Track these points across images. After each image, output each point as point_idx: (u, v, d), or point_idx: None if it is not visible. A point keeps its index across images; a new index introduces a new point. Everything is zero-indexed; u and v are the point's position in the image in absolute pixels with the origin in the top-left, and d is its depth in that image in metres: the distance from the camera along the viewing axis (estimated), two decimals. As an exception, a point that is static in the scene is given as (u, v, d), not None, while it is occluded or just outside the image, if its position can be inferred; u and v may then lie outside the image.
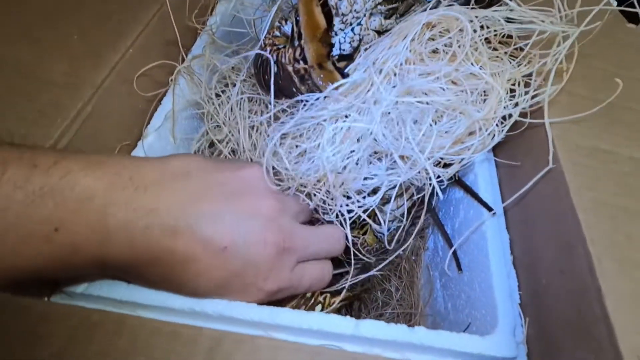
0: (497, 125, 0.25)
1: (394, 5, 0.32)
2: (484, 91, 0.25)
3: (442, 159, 0.25)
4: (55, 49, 0.29)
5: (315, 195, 0.26)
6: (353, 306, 0.42)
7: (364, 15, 0.31)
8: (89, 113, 0.27)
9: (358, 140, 0.25)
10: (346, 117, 0.26)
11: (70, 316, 0.17)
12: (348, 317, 0.23)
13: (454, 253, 0.32)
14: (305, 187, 0.26)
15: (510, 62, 0.27)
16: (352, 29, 0.31)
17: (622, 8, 0.31)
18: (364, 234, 0.36)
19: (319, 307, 0.29)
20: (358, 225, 0.36)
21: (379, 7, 0.32)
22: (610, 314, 0.18)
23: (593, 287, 0.19)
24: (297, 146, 0.27)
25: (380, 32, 0.32)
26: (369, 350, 0.23)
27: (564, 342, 0.21)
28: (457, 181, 0.31)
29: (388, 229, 0.38)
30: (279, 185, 0.26)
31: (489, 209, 0.27)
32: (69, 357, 0.16)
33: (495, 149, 0.33)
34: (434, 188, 0.28)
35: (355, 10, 0.31)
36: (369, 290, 0.43)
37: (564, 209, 0.23)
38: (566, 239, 0.22)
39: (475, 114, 0.24)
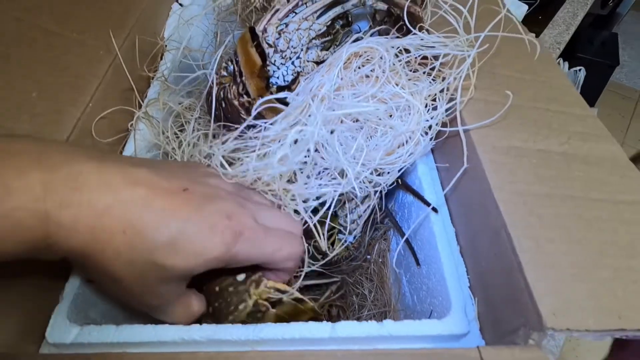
0: (422, 135, 0.30)
1: (327, 38, 0.37)
2: (408, 107, 0.30)
3: (379, 169, 0.29)
4: (16, 108, 0.30)
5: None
6: (332, 313, 0.45)
7: (302, 50, 0.35)
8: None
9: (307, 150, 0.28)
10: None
11: (70, 363, 0.19)
12: (325, 322, 0.26)
13: (412, 250, 0.36)
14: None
15: (431, 81, 0.32)
16: (292, 62, 0.35)
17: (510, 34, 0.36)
18: (332, 244, 0.40)
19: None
20: (325, 237, 0.39)
21: (314, 41, 0.36)
22: (530, 283, 0.22)
23: (516, 263, 0.24)
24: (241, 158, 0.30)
25: (318, 63, 0.36)
26: (350, 348, 0.26)
27: (504, 313, 0.25)
28: (404, 185, 0.35)
29: (354, 237, 0.42)
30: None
31: (432, 207, 0.32)
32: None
33: (435, 155, 0.38)
34: (382, 193, 0.32)
35: (292, 47, 0.34)
36: (345, 297, 0.46)
37: (489, 201, 0.27)
38: (493, 226, 0.27)
39: (401, 127, 0.28)
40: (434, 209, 0.32)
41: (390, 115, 0.29)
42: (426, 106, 0.30)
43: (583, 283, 0.23)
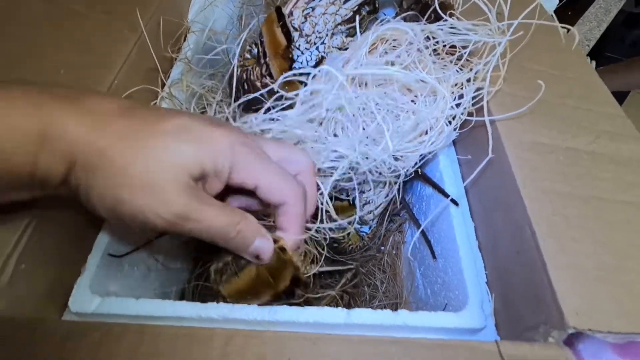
0: (446, 124, 0.29)
1: (353, 24, 0.36)
2: (433, 93, 0.29)
3: (399, 155, 0.29)
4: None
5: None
6: (343, 302, 0.45)
7: (327, 35, 0.34)
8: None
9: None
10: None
11: (92, 331, 0.19)
12: (340, 307, 0.26)
13: (428, 243, 0.36)
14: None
15: (459, 70, 0.31)
16: (317, 48, 0.34)
17: (541, 23, 0.35)
18: (348, 234, 0.40)
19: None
20: (341, 228, 0.39)
21: (340, 27, 0.35)
22: (553, 282, 0.22)
23: (539, 262, 0.23)
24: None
25: (342, 50, 0.36)
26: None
27: (523, 310, 0.25)
28: (423, 177, 0.34)
29: (369, 227, 0.42)
30: None
31: (452, 200, 0.31)
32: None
33: (457, 148, 0.37)
34: (399, 184, 0.31)
35: (317, 31, 0.34)
36: (357, 286, 0.46)
37: (513, 197, 0.27)
38: (517, 223, 0.26)
39: (424, 113, 0.27)
40: (455, 202, 0.32)
41: (414, 102, 0.29)
42: (452, 94, 0.29)
43: (606, 285, 0.23)
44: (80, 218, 0.29)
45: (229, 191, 0.25)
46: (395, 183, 0.36)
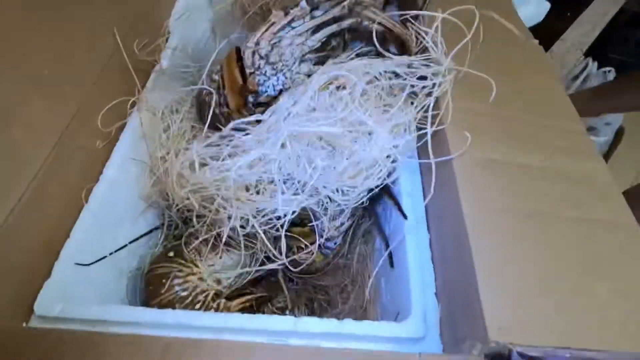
0: (385, 162, 0.31)
1: (322, 54, 0.38)
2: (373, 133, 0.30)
3: (341, 189, 0.31)
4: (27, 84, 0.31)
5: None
6: (314, 307, 0.47)
7: (293, 63, 0.36)
8: (53, 156, 0.31)
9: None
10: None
11: (43, 339, 0.21)
12: (288, 316, 0.27)
13: (389, 253, 0.37)
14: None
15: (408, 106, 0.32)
16: (284, 74, 0.36)
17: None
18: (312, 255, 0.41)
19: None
20: (304, 250, 0.40)
21: (308, 55, 0.37)
22: (481, 297, 0.23)
23: (473, 276, 0.24)
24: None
25: (310, 76, 0.37)
26: (310, 343, 0.28)
27: (459, 320, 0.26)
28: (386, 191, 0.36)
29: (335, 243, 0.43)
30: None
31: (404, 215, 0.33)
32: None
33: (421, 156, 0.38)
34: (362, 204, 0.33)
35: (284, 60, 0.35)
36: (328, 294, 0.48)
37: (457, 213, 0.28)
38: (459, 237, 0.27)
39: (361, 153, 0.29)
40: (404, 215, 0.33)
41: (356, 141, 0.30)
42: (393, 132, 0.31)
43: (537, 301, 0.24)
44: (51, 223, 0.30)
45: None
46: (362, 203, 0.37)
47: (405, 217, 0.33)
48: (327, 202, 0.32)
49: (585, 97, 0.74)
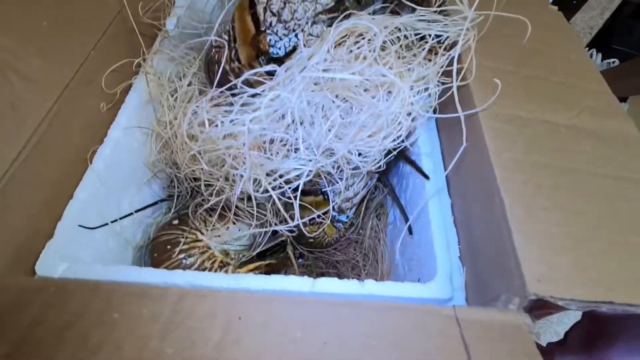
0: (405, 120, 0.29)
1: (334, 15, 0.36)
2: (393, 88, 0.28)
3: (360, 150, 0.29)
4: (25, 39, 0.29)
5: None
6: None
7: (306, 23, 0.34)
8: (55, 112, 0.29)
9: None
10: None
11: (47, 287, 0.19)
12: (305, 277, 0.26)
13: (405, 218, 0.35)
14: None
15: (426, 63, 0.30)
16: (296, 35, 0.34)
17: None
18: (323, 229, 0.39)
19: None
20: (316, 221, 0.38)
21: (320, 16, 0.35)
22: (517, 249, 0.22)
23: (506, 229, 0.23)
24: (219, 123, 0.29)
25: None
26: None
27: (490, 280, 0.25)
28: (400, 155, 0.34)
29: (347, 216, 0.42)
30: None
31: (425, 176, 0.31)
32: (48, 320, 0.18)
33: (439, 124, 0.37)
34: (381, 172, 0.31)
35: (296, 18, 0.34)
36: (338, 269, 0.46)
37: (485, 168, 0.26)
38: (488, 193, 0.26)
39: (381, 107, 0.27)
40: (425, 176, 0.31)
41: (374, 97, 0.28)
42: (413, 89, 0.29)
43: (574, 253, 0.22)
44: (52, 182, 0.29)
45: None
46: (376, 173, 0.35)
47: (427, 177, 0.31)
48: (344, 164, 0.30)
49: None
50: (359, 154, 0.31)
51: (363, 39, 0.30)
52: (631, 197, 0.26)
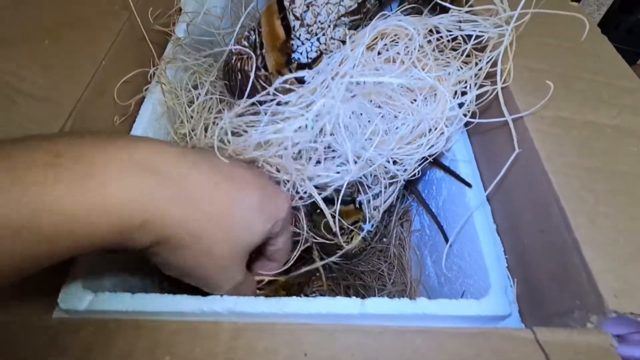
0: (446, 126, 0.27)
1: (357, 17, 0.34)
2: (434, 94, 0.27)
3: (397, 158, 0.27)
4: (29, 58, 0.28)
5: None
6: (351, 296, 0.43)
7: (329, 26, 0.32)
8: (69, 128, 0.27)
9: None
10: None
11: (85, 327, 0.17)
12: (354, 297, 0.24)
13: (441, 228, 0.34)
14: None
15: (462, 66, 0.29)
16: (318, 39, 0.32)
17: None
18: (351, 239, 0.37)
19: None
20: (346, 231, 0.37)
21: (343, 18, 0.33)
22: (587, 262, 0.20)
23: (570, 240, 0.22)
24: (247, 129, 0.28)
25: (344, 42, 0.33)
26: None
27: (549, 293, 0.23)
28: (435, 162, 0.33)
29: (372, 225, 0.40)
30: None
31: (467, 184, 0.29)
32: (91, 365, 0.16)
33: (472, 135, 0.35)
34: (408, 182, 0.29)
35: (319, 22, 0.32)
36: (363, 279, 0.44)
37: (537, 174, 0.25)
38: (542, 200, 0.24)
39: (422, 114, 0.25)
40: (467, 184, 0.30)
41: (414, 101, 0.27)
42: (455, 94, 0.27)
43: (645, 263, 0.21)
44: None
45: None
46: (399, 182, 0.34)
47: (469, 185, 0.30)
48: (381, 174, 0.29)
49: None
50: (394, 162, 0.29)
51: (396, 41, 0.29)
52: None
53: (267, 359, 0.16)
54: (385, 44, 0.30)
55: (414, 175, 0.31)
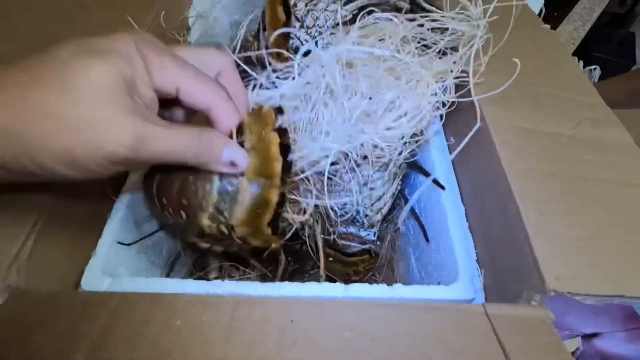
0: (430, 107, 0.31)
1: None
2: (417, 81, 0.31)
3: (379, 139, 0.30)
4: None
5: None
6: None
7: (326, 31, 0.36)
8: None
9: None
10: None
11: (110, 299, 0.21)
12: (338, 283, 0.27)
13: (422, 226, 0.37)
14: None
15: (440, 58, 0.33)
16: (316, 42, 0.36)
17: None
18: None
19: None
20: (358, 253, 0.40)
21: (338, 27, 0.37)
22: (534, 250, 0.24)
23: (522, 233, 0.25)
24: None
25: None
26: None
27: (508, 281, 0.27)
28: (415, 165, 0.36)
29: (374, 233, 0.43)
30: None
31: (441, 187, 0.33)
32: (116, 329, 0.19)
33: (446, 132, 0.39)
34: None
35: (318, 25, 0.36)
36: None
37: (499, 177, 0.29)
38: (503, 200, 0.28)
39: (408, 94, 0.29)
40: (441, 186, 0.34)
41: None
42: (435, 82, 0.31)
43: (586, 253, 0.24)
44: (91, 207, 0.30)
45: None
46: (396, 175, 0.37)
47: (442, 187, 0.33)
48: (370, 150, 0.31)
49: None
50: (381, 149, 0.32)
51: (380, 39, 0.32)
52: (635, 199, 0.29)
53: (261, 326, 0.20)
54: (374, 39, 0.33)
55: (404, 157, 0.34)
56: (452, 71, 0.31)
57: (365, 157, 0.32)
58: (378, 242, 0.47)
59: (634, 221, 0.26)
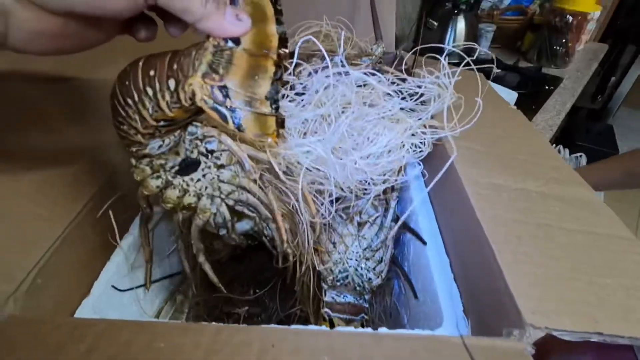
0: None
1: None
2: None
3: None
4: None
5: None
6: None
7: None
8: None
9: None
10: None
11: (98, 323, 0.22)
12: (323, 327, 0.28)
13: (411, 285, 0.38)
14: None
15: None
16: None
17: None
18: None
19: None
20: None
21: None
22: (510, 286, 0.25)
23: (498, 271, 0.26)
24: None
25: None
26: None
27: (491, 322, 0.27)
28: (404, 225, 0.39)
29: (370, 289, 0.44)
30: None
31: (423, 242, 0.35)
32: (101, 348, 0.20)
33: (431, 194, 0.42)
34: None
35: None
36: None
37: (475, 227, 0.31)
38: (479, 245, 0.30)
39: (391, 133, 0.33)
40: (423, 241, 0.36)
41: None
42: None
43: (559, 290, 0.25)
44: (93, 248, 0.32)
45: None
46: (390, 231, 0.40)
47: (424, 242, 0.35)
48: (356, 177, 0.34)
49: None
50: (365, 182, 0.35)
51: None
52: (598, 246, 0.30)
53: (242, 350, 0.20)
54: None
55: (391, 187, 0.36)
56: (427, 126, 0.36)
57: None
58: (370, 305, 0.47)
59: (598, 265, 0.28)
